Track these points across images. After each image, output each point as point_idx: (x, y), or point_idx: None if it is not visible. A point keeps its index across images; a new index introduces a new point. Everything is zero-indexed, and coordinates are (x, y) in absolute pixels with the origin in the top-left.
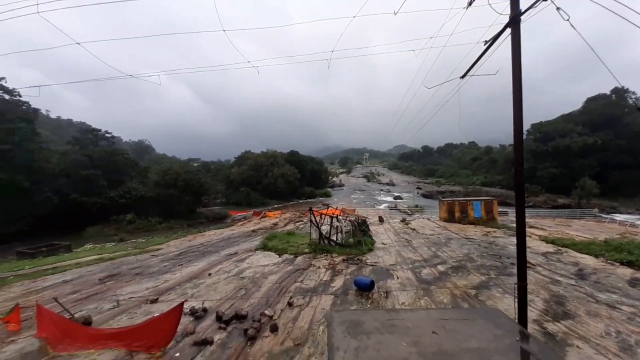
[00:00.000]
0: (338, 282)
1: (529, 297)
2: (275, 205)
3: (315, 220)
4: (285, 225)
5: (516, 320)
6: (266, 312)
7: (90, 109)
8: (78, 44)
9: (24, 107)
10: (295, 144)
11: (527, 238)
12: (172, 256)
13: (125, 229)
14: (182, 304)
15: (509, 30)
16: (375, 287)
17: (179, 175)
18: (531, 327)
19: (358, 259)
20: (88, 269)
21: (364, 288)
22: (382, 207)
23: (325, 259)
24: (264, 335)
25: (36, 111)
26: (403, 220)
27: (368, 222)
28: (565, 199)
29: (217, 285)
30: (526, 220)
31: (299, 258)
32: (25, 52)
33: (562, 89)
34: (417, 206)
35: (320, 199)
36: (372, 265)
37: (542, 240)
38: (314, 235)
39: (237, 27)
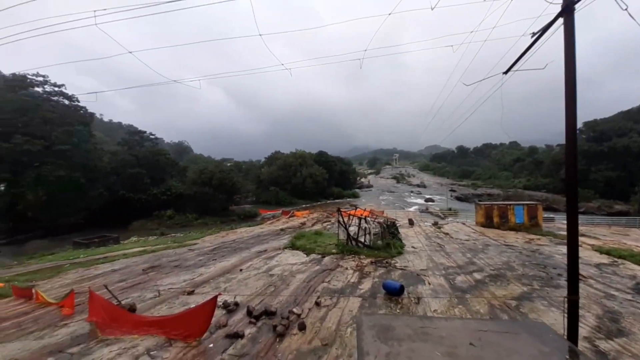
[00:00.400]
0: (366, 285)
1: (580, 312)
2: (303, 205)
3: (343, 221)
4: (313, 225)
5: (565, 337)
6: (294, 310)
7: (137, 112)
8: (130, 52)
9: (81, 111)
10: (324, 144)
11: (579, 247)
12: (207, 251)
13: (165, 224)
14: (215, 297)
15: (559, 21)
16: (405, 292)
17: (214, 175)
18: (581, 345)
19: (387, 262)
20: (133, 260)
21: (394, 292)
22: (412, 209)
23: (353, 261)
24: (292, 332)
25: (92, 115)
26: (435, 224)
27: (397, 225)
28: (622, 205)
29: (248, 281)
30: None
31: (327, 258)
32: (82, 61)
33: (619, 84)
34: (450, 209)
35: (348, 199)
36: (401, 269)
37: (596, 250)
38: (342, 236)
39: (269, 31)
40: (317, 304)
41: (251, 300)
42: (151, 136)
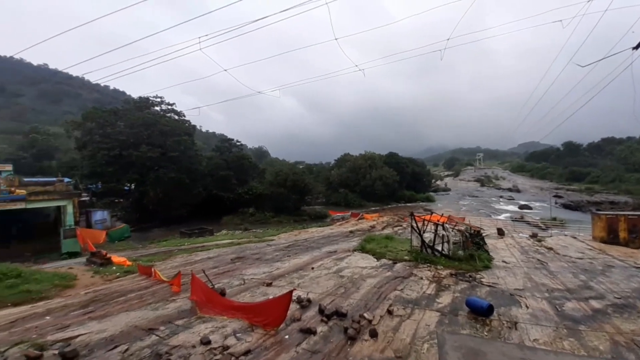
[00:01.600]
0: (445, 299)
1: None
2: (373, 208)
3: (417, 227)
4: (383, 228)
5: None
6: (365, 315)
7: (226, 122)
8: (225, 70)
9: (187, 124)
10: (395, 145)
11: None
12: (283, 247)
13: (248, 220)
14: (291, 292)
15: None
16: (495, 313)
17: (288, 176)
18: None
19: (470, 276)
20: (224, 250)
21: (480, 312)
22: (501, 217)
23: (429, 270)
24: (364, 338)
25: (194, 127)
26: (534, 236)
27: (483, 234)
28: None
29: (319, 280)
30: None
31: (399, 265)
32: (187, 82)
33: None
34: (555, 219)
35: (421, 203)
36: (489, 285)
37: None
38: (415, 242)
39: (340, 35)
40: (389, 312)
41: (322, 299)
42: (237, 143)
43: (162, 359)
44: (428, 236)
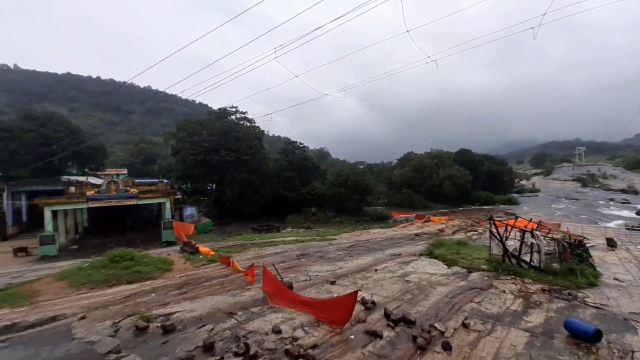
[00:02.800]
0: (535, 317)
1: None
2: (441, 210)
3: (498, 233)
4: (454, 233)
5: None
6: (436, 325)
7: (290, 126)
8: (296, 76)
9: (257, 130)
10: (468, 141)
11: None
12: (345, 247)
13: (310, 219)
14: (356, 292)
15: None
16: (603, 340)
17: (349, 177)
18: None
19: (569, 294)
20: (289, 247)
21: (583, 337)
22: (611, 225)
23: (513, 283)
24: (435, 350)
25: (263, 132)
26: None
27: (587, 245)
28: None
29: (383, 283)
30: None
31: (475, 274)
32: (259, 92)
33: None
34: None
35: (501, 206)
36: (595, 306)
37: None
38: (496, 250)
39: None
40: (465, 325)
41: (388, 303)
42: (300, 145)
43: (241, 342)
44: (512, 244)
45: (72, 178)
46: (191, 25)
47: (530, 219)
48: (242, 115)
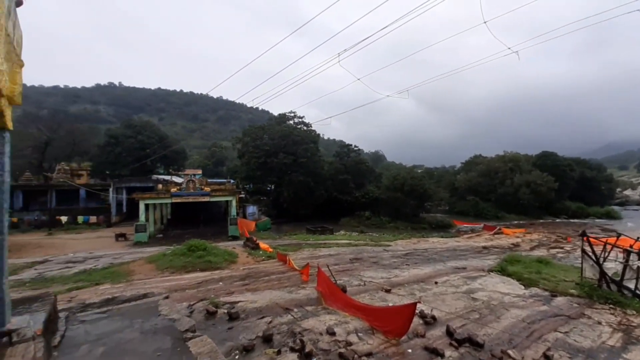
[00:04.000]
0: (638, 355)
1: None
2: (516, 222)
3: (593, 252)
4: (532, 249)
5: None
6: (510, 352)
7: (345, 129)
8: (358, 79)
9: (312, 133)
10: (551, 142)
11: None
12: (400, 255)
13: (364, 223)
14: (415, 304)
15: None
16: None
17: (405, 181)
18: None
19: None
20: (342, 250)
21: None
22: None
23: (612, 314)
24: None
25: (318, 135)
26: None
27: None
28: None
29: (445, 297)
30: None
31: (560, 299)
32: (318, 98)
33: None
34: None
35: (596, 220)
36: None
37: None
38: (589, 272)
39: (468, 25)
40: (547, 357)
41: (450, 320)
42: (355, 148)
43: (297, 338)
44: (612, 267)
45: (160, 177)
46: (256, 39)
47: (638, 238)
48: (300, 120)
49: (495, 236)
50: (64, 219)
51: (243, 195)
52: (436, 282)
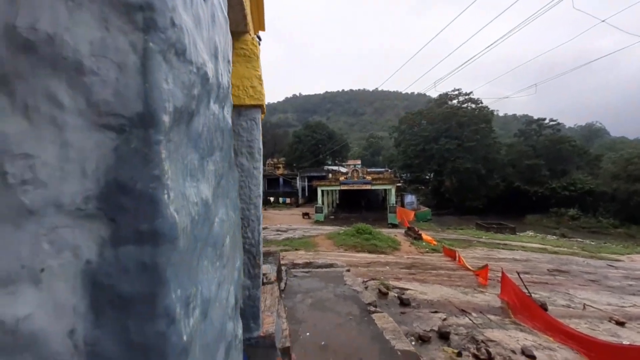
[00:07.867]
0: None
1: None
2: None
3: None
4: None
5: None
6: None
7: (531, 101)
8: (603, 21)
9: (484, 111)
10: None
11: None
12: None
13: (566, 224)
14: None
15: None
16: None
17: None
18: None
19: None
20: (533, 256)
21: None
22: None
23: None
24: None
25: (492, 113)
26: None
27: None
28: None
29: None
30: None
31: None
32: (504, 74)
33: None
34: None
35: None
36: None
37: None
38: None
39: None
40: None
41: None
42: (551, 122)
43: (480, 346)
44: None
45: (330, 167)
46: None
47: None
48: (467, 97)
49: None
50: (271, 199)
51: (400, 184)
52: None
